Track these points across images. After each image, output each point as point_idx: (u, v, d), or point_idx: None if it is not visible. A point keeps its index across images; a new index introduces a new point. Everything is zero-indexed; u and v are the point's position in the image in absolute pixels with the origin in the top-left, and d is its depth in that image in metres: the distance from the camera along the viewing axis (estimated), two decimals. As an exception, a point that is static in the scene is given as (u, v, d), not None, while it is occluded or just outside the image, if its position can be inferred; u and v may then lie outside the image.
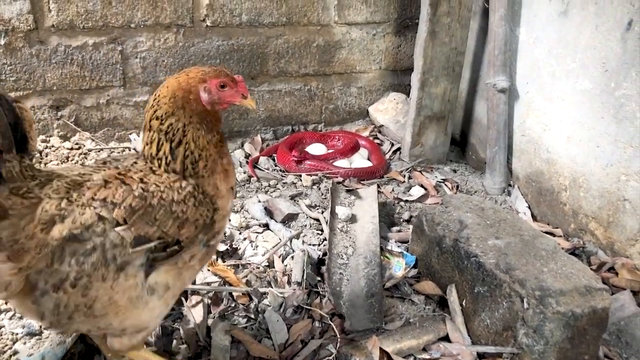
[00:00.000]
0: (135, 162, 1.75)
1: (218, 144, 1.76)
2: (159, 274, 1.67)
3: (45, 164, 3.00)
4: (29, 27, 3.03)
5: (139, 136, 3.38)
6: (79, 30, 3.15)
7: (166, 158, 1.70)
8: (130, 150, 3.26)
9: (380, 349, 2.04)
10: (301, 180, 3.25)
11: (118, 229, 1.57)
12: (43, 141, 3.21)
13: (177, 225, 1.66)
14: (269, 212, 2.88)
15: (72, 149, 3.20)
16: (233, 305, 2.32)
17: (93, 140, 3.32)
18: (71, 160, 3.09)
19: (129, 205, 1.60)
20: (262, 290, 2.35)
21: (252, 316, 2.28)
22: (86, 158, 3.13)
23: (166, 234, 1.64)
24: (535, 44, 3.09)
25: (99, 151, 3.22)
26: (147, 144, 1.71)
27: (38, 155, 3.10)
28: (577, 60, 2.82)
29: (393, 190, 3.26)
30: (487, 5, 3.24)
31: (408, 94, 3.80)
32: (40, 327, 2.05)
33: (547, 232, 2.98)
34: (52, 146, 3.19)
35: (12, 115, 1.60)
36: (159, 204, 1.63)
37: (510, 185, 3.35)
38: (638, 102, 2.51)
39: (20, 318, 2.11)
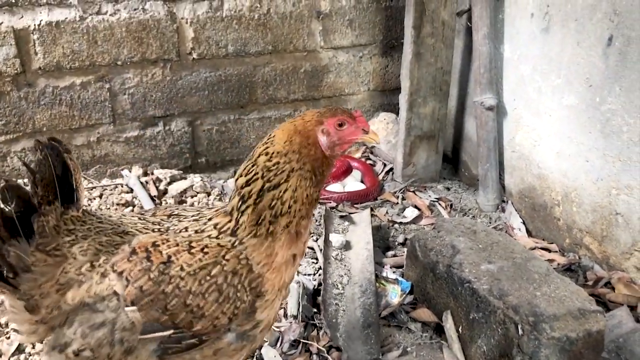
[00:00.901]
0: (187, 229, 1.62)
1: (313, 202, 1.61)
2: None
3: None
4: (16, 71, 3.05)
5: (130, 172, 3.39)
6: (66, 70, 3.17)
7: (247, 199, 1.56)
8: (122, 186, 3.27)
9: (378, 382, 2.03)
10: (295, 208, 3.25)
11: (128, 309, 1.49)
12: (35, 182, 3.21)
13: (190, 320, 1.51)
14: (263, 243, 2.88)
15: (64, 188, 3.20)
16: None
17: (85, 178, 3.32)
18: (64, 201, 3.09)
19: (140, 288, 1.49)
20: (258, 325, 2.34)
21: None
22: (79, 197, 3.14)
23: (178, 326, 1.51)
24: (520, 61, 3.11)
25: (91, 189, 3.23)
26: (241, 175, 1.60)
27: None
28: (561, 76, 2.83)
29: (387, 212, 3.27)
30: (470, 24, 3.27)
31: (398, 114, 3.81)
32: None
33: (542, 248, 2.99)
34: (45, 187, 3.19)
35: (61, 166, 1.58)
36: (172, 292, 1.50)
37: (504, 201, 3.35)
38: (623, 116, 2.52)
39: None
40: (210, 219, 1.65)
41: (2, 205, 1.55)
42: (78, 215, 1.62)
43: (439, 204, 3.38)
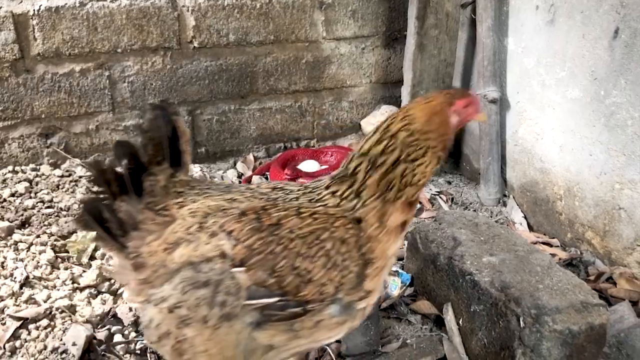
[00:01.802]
0: (297, 198, 1.61)
1: (430, 175, 1.65)
2: (262, 333, 1.50)
3: (36, 193, 2.98)
4: (14, 57, 3.02)
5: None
6: (66, 57, 3.13)
7: (379, 165, 1.57)
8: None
9: (377, 373, 2.02)
10: (294, 199, 3.22)
11: (235, 270, 1.47)
12: (33, 170, 3.19)
13: (297, 284, 1.48)
14: (262, 234, 2.85)
15: (62, 176, 3.18)
16: (227, 332, 2.29)
17: (84, 166, 3.29)
18: (62, 189, 3.07)
19: (249, 247, 1.48)
20: (256, 315, 2.32)
21: (247, 343, 2.25)
22: (77, 185, 3.11)
23: (285, 292, 1.47)
24: (524, 54, 3.08)
25: (89, 178, 3.19)
26: (374, 144, 1.59)
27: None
28: (566, 69, 2.80)
29: (387, 205, 3.23)
30: (474, 16, 3.23)
31: (400, 106, 3.77)
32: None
33: (544, 243, 2.96)
34: (43, 174, 3.17)
35: (171, 128, 1.60)
36: (281, 253, 1.48)
37: (505, 195, 3.33)
38: (628, 110, 2.49)
39: (11, 356, 2.09)
40: (327, 188, 1.64)
41: (115, 162, 1.58)
42: (186, 179, 1.63)
43: (440, 197, 3.35)
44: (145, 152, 1.58)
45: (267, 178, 3.49)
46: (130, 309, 2.30)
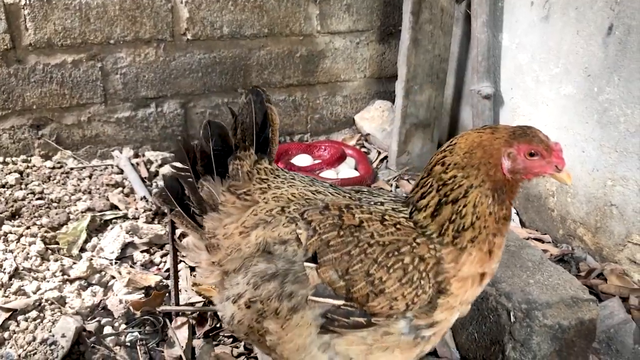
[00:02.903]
0: (382, 203, 1.54)
1: (501, 220, 1.44)
2: (340, 341, 1.44)
3: (27, 184, 2.96)
4: (6, 47, 2.99)
5: (121, 153, 3.34)
6: (58, 48, 3.10)
7: (424, 210, 1.45)
8: (113, 167, 3.22)
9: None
10: (287, 193, 3.22)
11: (307, 264, 1.42)
12: (24, 161, 3.16)
13: (367, 293, 1.40)
14: (254, 227, 2.84)
15: (54, 168, 3.16)
16: (218, 325, 2.28)
17: (75, 158, 3.27)
18: (53, 180, 3.05)
19: (326, 242, 1.42)
20: (247, 309, 2.31)
21: (238, 336, 2.24)
22: (68, 177, 3.09)
23: (352, 298, 1.40)
24: (518, 50, 3.08)
25: (81, 169, 3.18)
26: (416, 187, 1.50)
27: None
28: (560, 65, 2.80)
29: (380, 200, 3.23)
30: (469, 11, 3.23)
31: (394, 102, 3.77)
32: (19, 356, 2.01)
33: (535, 239, 2.97)
34: (34, 166, 3.15)
35: (262, 115, 1.60)
36: (358, 256, 1.41)
37: (497, 191, 3.33)
38: (621, 106, 2.49)
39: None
40: (406, 204, 1.54)
41: (203, 142, 1.59)
42: (271, 167, 1.62)
43: (433, 192, 3.34)
44: (234, 135, 1.59)
45: (260, 172, 3.47)
46: (121, 301, 2.29)
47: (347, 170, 3.52)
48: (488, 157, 1.41)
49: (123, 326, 2.21)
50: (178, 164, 1.67)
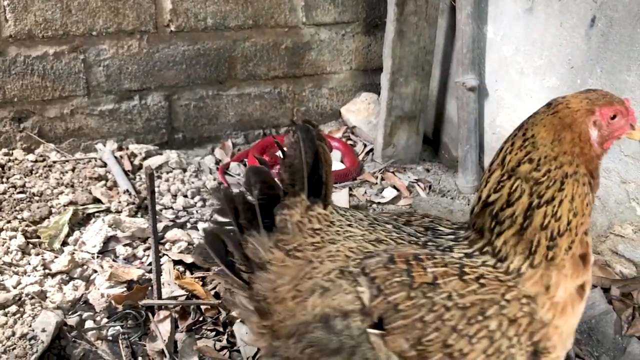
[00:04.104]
0: (451, 248, 1.32)
1: (589, 212, 1.27)
2: None
3: (8, 178, 2.92)
4: (-15, 38, 2.95)
5: (105, 146, 3.31)
6: (39, 39, 3.06)
7: (510, 226, 1.24)
8: (96, 160, 3.19)
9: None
10: (272, 186, 3.20)
11: (371, 331, 1.22)
12: (5, 154, 3.12)
13: None
14: (238, 220, 2.83)
15: (36, 161, 3.12)
16: (201, 318, 2.28)
17: (58, 151, 3.24)
18: (35, 173, 3.01)
19: (394, 305, 1.21)
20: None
21: (221, 329, 2.24)
22: (50, 170, 3.06)
23: None
24: (502, 42, 3.08)
25: (64, 162, 3.14)
26: (492, 191, 1.28)
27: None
28: (543, 57, 2.81)
29: (365, 192, 3.23)
30: (454, 3, 3.22)
31: (380, 94, 3.76)
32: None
33: (519, 230, 2.97)
34: (16, 159, 3.11)
35: (313, 154, 1.37)
36: (433, 323, 1.19)
37: (482, 183, 3.34)
38: (604, 98, 2.50)
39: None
40: (467, 239, 1.34)
41: (245, 190, 1.40)
42: (325, 213, 1.40)
43: (418, 185, 3.35)
44: (281, 180, 1.39)
45: (245, 165, 3.46)
46: (102, 295, 2.28)
47: (333, 162, 3.50)
48: (577, 136, 1.24)
49: (105, 320, 2.20)
50: (219, 218, 1.46)
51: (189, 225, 2.79)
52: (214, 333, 2.23)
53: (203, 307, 2.30)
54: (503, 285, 1.23)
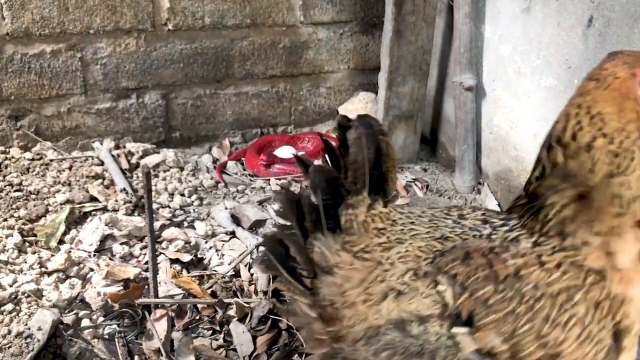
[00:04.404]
0: (517, 240, 1.29)
1: None
2: None
3: (5, 176, 2.92)
4: (-18, 36, 2.95)
5: (102, 144, 3.31)
6: (36, 37, 3.06)
7: (577, 201, 1.23)
8: (93, 159, 3.19)
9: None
10: (270, 185, 3.21)
11: (456, 329, 1.18)
12: (2, 152, 3.12)
13: (539, 358, 1.17)
14: (235, 219, 2.83)
15: (33, 159, 3.12)
16: (197, 317, 2.28)
17: (55, 150, 3.24)
18: (32, 172, 3.01)
19: (483, 300, 1.18)
20: (227, 301, 2.31)
21: (217, 328, 2.24)
22: (47, 169, 3.05)
23: None
24: (500, 41, 3.08)
25: (61, 161, 3.14)
26: (570, 158, 1.25)
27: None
28: (541, 57, 2.81)
29: (363, 191, 3.23)
30: (452, 2, 3.22)
31: (377, 93, 3.76)
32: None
33: (516, 230, 2.98)
34: (12, 157, 3.10)
35: (374, 150, 1.33)
36: (525, 315, 1.17)
37: (480, 183, 3.34)
38: (601, 98, 2.50)
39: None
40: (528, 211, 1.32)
41: (310, 191, 1.33)
42: (386, 211, 1.36)
43: (415, 184, 3.35)
44: (345, 178, 1.33)
45: (242, 164, 3.46)
46: (99, 294, 2.27)
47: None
48: (634, 101, 1.24)
49: (101, 319, 2.20)
50: (281, 221, 1.41)
51: (185, 224, 2.79)
52: (210, 332, 2.23)
53: (200, 306, 2.30)
54: (582, 270, 1.23)
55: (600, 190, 1.23)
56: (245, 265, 2.52)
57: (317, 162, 1.39)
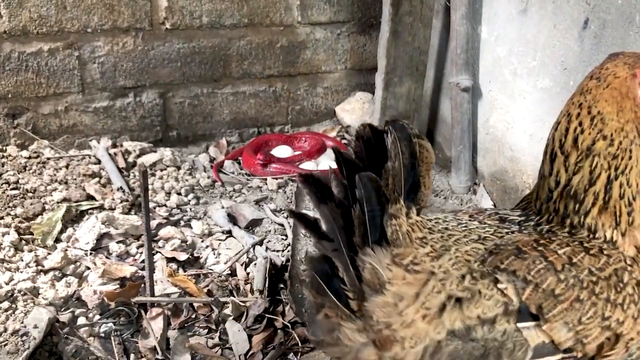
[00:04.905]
0: (553, 231, 1.32)
1: None
2: None
3: (2, 174, 2.92)
4: (-20, 34, 2.95)
5: (99, 143, 3.31)
6: (33, 36, 3.06)
7: (594, 204, 1.28)
8: (90, 157, 3.19)
9: (340, 357, 2.01)
10: (266, 184, 3.22)
11: (523, 324, 1.17)
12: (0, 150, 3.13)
13: (602, 341, 1.20)
14: (232, 219, 2.84)
15: (30, 157, 3.12)
16: (193, 316, 2.29)
17: (52, 148, 3.24)
18: (29, 170, 3.01)
19: (550, 291, 1.18)
20: (223, 299, 2.31)
21: (213, 326, 2.25)
22: (44, 167, 3.06)
23: (577, 349, 1.20)
24: (496, 42, 3.09)
25: (58, 159, 3.14)
26: (572, 174, 1.30)
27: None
28: (537, 59, 2.82)
29: (359, 191, 3.24)
30: (449, 3, 3.23)
31: (374, 93, 3.77)
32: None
33: (512, 231, 2.99)
34: (9, 155, 3.11)
35: (409, 154, 1.26)
36: (588, 300, 1.20)
37: (476, 183, 3.36)
38: (596, 100, 2.51)
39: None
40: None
41: (353, 204, 1.22)
42: (420, 219, 1.29)
43: (412, 184, 3.36)
44: (386, 186, 1.25)
45: (239, 163, 3.46)
46: (95, 292, 2.28)
47: (327, 161, 3.52)
48: (632, 101, 1.29)
49: (97, 317, 2.21)
50: (325, 243, 1.26)
51: (182, 223, 2.80)
52: (206, 330, 2.24)
53: (195, 305, 2.31)
54: (620, 253, 1.29)
55: (611, 193, 1.29)
56: (242, 264, 2.53)
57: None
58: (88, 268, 2.42)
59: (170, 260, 2.51)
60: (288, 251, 2.63)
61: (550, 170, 1.36)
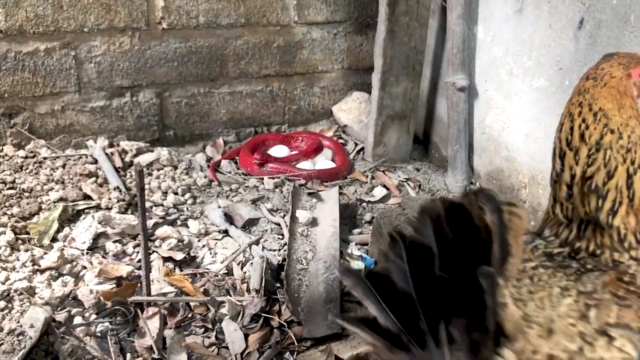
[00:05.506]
0: (618, 261, 1.25)
1: None
2: None
3: (-2, 174, 2.92)
4: (-24, 34, 2.95)
5: (95, 143, 3.31)
6: (30, 35, 3.06)
7: (614, 196, 1.26)
8: (87, 157, 3.19)
9: (336, 356, 2.03)
10: (263, 184, 3.22)
11: None
12: (-4, 150, 3.13)
13: None
14: (229, 218, 2.84)
15: (26, 157, 3.12)
16: (190, 315, 2.29)
17: (49, 148, 3.24)
18: (25, 169, 3.01)
19: None
20: (219, 299, 2.32)
21: (209, 326, 2.25)
22: (41, 166, 3.06)
23: None
24: (492, 42, 3.10)
25: (54, 159, 3.14)
26: (587, 166, 1.29)
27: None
28: (532, 58, 2.83)
29: (356, 191, 3.25)
30: (445, 3, 3.24)
31: (371, 93, 3.78)
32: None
33: (508, 230, 3.00)
34: (6, 155, 3.11)
35: (498, 225, 1.09)
36: None
37: (472, 183, 3.37)
38: (591, 100, 2.52)
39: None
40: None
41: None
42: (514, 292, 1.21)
43: (408, 184, 3.37)
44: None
45: (236, 163, 3.47)
46: (91, 292, 2.28)
47: (323, 161, 3.53)
48: (631, 99, 1.32)
49: (93, 316, 2.20)
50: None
51: (179, 222, 2.80)
52: (202, 330, 2.24)
53: (192, 304, 2.31)
54: None
55: (634, 189, 1.26)
56: (238, 264, 2.54)
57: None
58: (84, 267, 2.42)
59: (167, 259, 2.51)
60: (284, 250, 2.64)
61: (562, 167, 1.35)
